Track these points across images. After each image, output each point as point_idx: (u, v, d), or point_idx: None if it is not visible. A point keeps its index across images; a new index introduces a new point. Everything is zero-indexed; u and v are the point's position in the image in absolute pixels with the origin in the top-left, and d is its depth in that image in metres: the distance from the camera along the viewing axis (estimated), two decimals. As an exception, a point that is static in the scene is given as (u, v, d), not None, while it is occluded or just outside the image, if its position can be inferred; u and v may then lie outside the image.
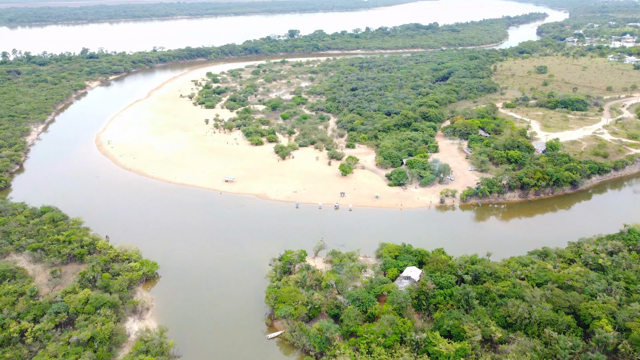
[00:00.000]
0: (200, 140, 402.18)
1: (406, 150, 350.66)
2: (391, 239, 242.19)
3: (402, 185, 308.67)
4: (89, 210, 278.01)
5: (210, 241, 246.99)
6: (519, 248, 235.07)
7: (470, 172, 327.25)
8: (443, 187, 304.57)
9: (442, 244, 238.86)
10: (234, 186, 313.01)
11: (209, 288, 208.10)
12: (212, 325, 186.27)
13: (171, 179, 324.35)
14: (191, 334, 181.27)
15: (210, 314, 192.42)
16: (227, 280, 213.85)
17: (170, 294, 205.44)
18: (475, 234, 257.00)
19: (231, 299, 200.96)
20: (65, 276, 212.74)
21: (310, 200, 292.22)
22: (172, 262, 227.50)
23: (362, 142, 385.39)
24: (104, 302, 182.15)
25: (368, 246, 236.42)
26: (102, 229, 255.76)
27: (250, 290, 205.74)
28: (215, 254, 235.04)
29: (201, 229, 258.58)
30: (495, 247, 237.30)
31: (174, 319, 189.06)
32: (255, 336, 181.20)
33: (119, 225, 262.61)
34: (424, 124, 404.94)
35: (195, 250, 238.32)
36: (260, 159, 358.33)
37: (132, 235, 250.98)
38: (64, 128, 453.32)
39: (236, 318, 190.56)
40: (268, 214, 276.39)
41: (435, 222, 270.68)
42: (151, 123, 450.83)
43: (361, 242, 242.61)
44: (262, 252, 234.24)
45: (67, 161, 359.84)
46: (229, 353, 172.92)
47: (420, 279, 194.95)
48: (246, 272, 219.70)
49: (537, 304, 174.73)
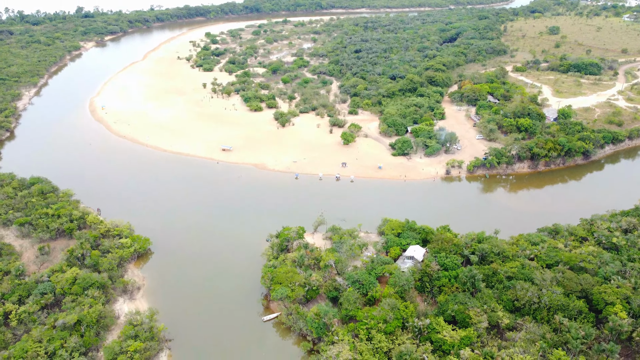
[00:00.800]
0: (197, 106, 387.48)
1: (411, 117, 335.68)
2: (394, 213, 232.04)
3: (407, 155, 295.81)
4: (81, 180, 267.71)
5: (206, 214, 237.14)
6: (528, 224, 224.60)
7: (477, 141, 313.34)
8: (449, 157, 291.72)
9: (447, 219, 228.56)
10: (231, 155, 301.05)
11: (203, 265, 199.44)
12: (206, 306, 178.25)
13: (167, 148, 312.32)
14: (183, 315, 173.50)
15: (204, 293, 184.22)
16: (222, 257, 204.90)
17: (163, 271, 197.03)
18: (482, 208, 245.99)
19: (226, 277, 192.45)
20: (53, 252, 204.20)
21: (311, 171, 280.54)
22: (166, 237, 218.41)
23: (366, 108, 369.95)
24: (92, 282, 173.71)
25: (370, 221, 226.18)
26: (94, 201, 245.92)
27: (246, 268, 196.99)
28: (211, 228, 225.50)
29: (196, 202, 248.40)
30: (503, 222, 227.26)
31: (166, 299, 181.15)
32: (250, 318, 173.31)
33: (111, 197, 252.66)
34: (430, 89, 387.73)
35: (189, 224, 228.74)
36: (259, 126, 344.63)
37: (125, 208, 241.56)
38: (57, 92, 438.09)
39: (231, 298, 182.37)
40: (266, 186, 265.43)
41: (441, 195, 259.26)
42: (147, 87, 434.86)
43: (363, 216, 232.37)
44: (260, 227, 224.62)
45: (60, 127, 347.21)
46: (222, 336, 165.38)
47: (424, 259, 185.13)
48: (242, 248, 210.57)
49: (547, 288, 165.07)
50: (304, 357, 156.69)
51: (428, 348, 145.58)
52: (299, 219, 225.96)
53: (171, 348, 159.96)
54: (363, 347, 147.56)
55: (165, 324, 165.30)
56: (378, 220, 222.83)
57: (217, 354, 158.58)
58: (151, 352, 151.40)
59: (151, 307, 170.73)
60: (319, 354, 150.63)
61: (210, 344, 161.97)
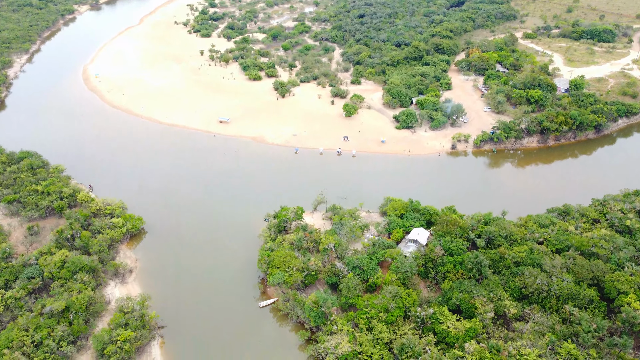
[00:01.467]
0: (194, 74, 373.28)
1: (416, 88, 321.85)
2: (397, 190, 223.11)
3: (411, 128, 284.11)
4: (72, 154, 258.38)
5: (201, 191, 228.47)
6: (537, 203, 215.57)
7: (485, 113, 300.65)
8: (455, 131, 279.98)
9: (452, 197, 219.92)
10: (228, 127, 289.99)
11: (197, 246, 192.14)
12: (200, 289, 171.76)
13: (162, 119, 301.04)
14: (177, 300, 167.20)
15: (199, 276, 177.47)
16: (217, 237, 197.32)
17: (156, 252, 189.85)
18: (489, 185, 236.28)
19: (221, 260, 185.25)
20: (43, 232, 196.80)
21: (311, 145, 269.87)
22: (159, 216, 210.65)
23: (369, 77, 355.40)
24: (81, 265, 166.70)
25: (372, 199, 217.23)
26: (86, 177, 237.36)
27: (242, 250, 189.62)
28: (206, 206, 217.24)
29: (192, 178, 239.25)
30: (511, 200, 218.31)
31: (159, 283, 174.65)
32: (246, 304, 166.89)
33: (104, 172, 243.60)
34: (436, 57, 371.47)
35: (184, 201, 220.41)
36: (258, 97, 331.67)
37: (117, 184, 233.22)
38: (49, 59, 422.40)
39: (226, 282, 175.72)
40: (265, 160, 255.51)
41: (446, 171, 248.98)
42: (142, 53, 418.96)
43: (364, 194, 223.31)
44: (257, 204, 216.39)
45: (52, 97, 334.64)
46: (217, 322, 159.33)
47: (428, 242, 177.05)
48: (239, 227, 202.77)
49: (556, 275, 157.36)
50: (302, 345, 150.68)
51: (431, 340, 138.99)
52: (298, 197, 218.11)
53: (163, 336, 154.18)
54: (363, 337, 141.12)
55: (157, 310, 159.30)
56: (380, 199, 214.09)
57: (211, 342, 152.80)
58: (142, 341, 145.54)
59: (143, 292, 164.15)
60: (318, 343, 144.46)
61: (204, 331, 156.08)
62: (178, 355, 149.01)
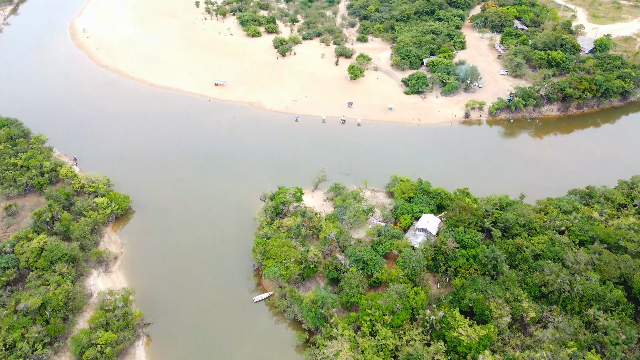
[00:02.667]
0: (188, 30, 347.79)
1: (427, 47, 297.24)
2: (405, 166, 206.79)
3: (421, 93, 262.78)
4: (56, 121, 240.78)
5: (194, 164, 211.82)
6: (557, 181, 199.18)
7: (502, 76, 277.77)
8: (469, 97, 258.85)
9: (465, 174, 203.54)
10: (224, 91, 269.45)
11: (188, 229, 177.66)
12: (189, 280, 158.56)
13: (153, 81, 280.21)
14: (164, 292, 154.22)
15: (188, 264, 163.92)
16: (210, 218, 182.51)
17: (143, 236, 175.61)
18: (505, 160, 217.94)
19: (213, 245, 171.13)
20: (22, 212, 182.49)
21: (313, 112, 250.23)
22: (148, 193, 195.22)
23: (377, 34, 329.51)
24: (60, 255, 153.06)
25: (377, 175, 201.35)
26: (70, 147, 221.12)
27: (236, 234, 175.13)
28: (199, 182, 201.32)
29: (184, 148, 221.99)
30: (529, 178, 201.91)
31: (146, 272, 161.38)
32: (239, 297, 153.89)
33: (90, 141, 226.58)
34: (450, 11, 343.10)
35: (175, 176, 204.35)
36: (257, 56, 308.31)
37: (104, 155, 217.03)
38: (35, 10, 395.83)
39: (218, 271, 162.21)
40: (263, 130, 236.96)
41: (458, 143, 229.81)
42: (134, 6, 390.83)
43: (369, 169, 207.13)
44: (254, 180, 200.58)
45: (36, 54, 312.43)
46: (207, 317, 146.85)
47: (439, 231, 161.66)
48: (233, 207, 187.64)
49: (580, 273, 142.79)
50: (300, 347, 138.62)
51: (441, 349, 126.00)
52: (298, 171, 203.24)
53: (149, 334, 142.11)
54: (366, 343, 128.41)
55: (143, 305, 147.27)
56: (387, 175, 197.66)
57: (200, 340, 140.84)
58: (125, 343, 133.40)
59: (127, 286, 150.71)
60: (316, 347, 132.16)
61: (193, 328, 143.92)
62: (164, 356, 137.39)
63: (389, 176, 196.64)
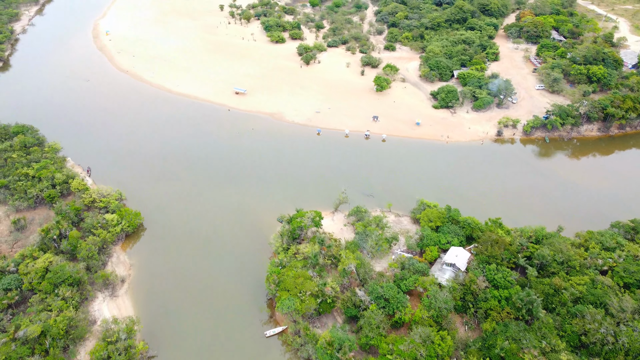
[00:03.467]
0: (211, 33, 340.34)
1: (459, 58, 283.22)
2: (432, 188, 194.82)
3: (451, 107, 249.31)
4: (73, 127, 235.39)
5: (209, 179, 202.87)
6: (598, 210, 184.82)
7: (537, 92, 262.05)
8: (502, 113, 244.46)
9: (496, 199, 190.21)
10: (244, 100, 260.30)
11: (200, 250, 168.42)
12: (199, 308, 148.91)
13: (172, 87, 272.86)
14: (171, 321, 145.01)
15: (198, 291, 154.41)
16: (223, 240, 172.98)
17: (153, 257, 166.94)
18: (540, 185, 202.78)
19: (226, 269, 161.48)
20: (31, 226, 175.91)
21: (335, 126, 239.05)
22: (160, 208, 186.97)
23: (405, 42, 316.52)
24: (64, 277, 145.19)
25: (402, 197, 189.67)
26: (84, 157, 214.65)
27: (251, 257, 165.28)
28: (213, 198, 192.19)
29: (200, 161, 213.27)
30: (566, 206, 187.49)
31: (153, 297, 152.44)
32: (251, 330, 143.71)
33: (105, 151, 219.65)
34: (483, 20, 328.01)
35: (189, 191, 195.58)
36: (280, 63, 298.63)
37: (118, 166, 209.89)
38: (60, 11, 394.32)
39: (229, 298, 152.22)
40: (282, 143, 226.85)
41: (490, 164, 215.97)
42: (158, 8, 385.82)
43: (394, 190, 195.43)
44: (272, 198, 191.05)
45: (58, 57, 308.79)
46: (215, 353, 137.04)
47: (468, 266, 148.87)
48: (248, 227, 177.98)
49: (626, 323, 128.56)
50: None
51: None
52: (318, 190, 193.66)
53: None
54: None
55: (148, 334, 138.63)
56: (412, 198, 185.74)
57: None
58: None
59: (131, 316, 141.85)
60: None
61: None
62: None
63: (414, 199, 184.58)
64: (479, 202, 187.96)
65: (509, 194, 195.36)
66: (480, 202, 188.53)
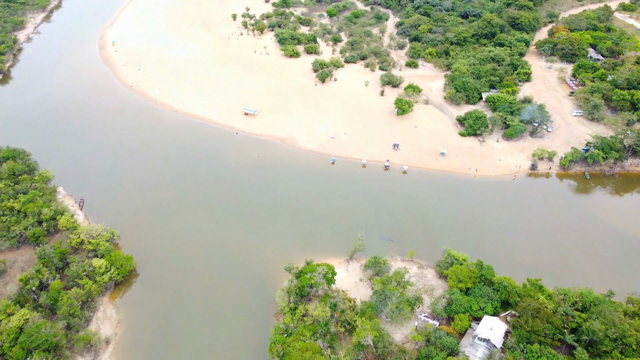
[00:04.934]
0: (223, 45, 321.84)
1: (487, 78, 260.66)
2: (460, 233, 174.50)
3: (479, 135, 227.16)
4: (68, 151, 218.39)
5: (210, 215, 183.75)
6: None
7: (575, 118, 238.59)
8: (536, 143, 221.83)
9: (532, 250, 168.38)
10: (254, 122, 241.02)
11: (196, 306, 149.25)
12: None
13: (178, 107, 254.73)
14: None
15: (194, 357, 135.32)
16: (223, 292, 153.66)
17: (144, 312, 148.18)
18: (583, 232, 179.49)
19: (224, 331, 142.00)
20: (11, 270, 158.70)
21: (352, 154, 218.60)
22: (155, 249, 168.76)
23: (428, 59, 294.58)
24: (39, 342, 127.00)
25: (426, 242, 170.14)
26: (78, 185, 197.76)
27: (254, 315, 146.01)
28: (213, 237, 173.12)
29: (202, 195, 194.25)
30: (614, 261, 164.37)
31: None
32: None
33: (99, 180, 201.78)
34: (512, 35, 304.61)
35: (189, 230, 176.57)
36: (294, 79, 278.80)
37: (113, 198, 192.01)
38: (68, 18, 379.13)
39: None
40: (293, 173, 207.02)
41: (524, 204, 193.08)
42: (168, 16, 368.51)
43: (417, 233, 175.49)
44: (277, 240, 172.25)
45: (61, 69, 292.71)
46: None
47: (505, 342, 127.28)
48: (251, 275, 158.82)
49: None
50: None
51: None
52: (331, 231, 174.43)
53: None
54: None
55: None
56: (437, 244, 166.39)
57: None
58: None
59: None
60: None
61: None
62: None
63: (439, 245, 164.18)
64: (512, 252, 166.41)
65: (547, 242, 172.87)
66: (514, 252, 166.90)
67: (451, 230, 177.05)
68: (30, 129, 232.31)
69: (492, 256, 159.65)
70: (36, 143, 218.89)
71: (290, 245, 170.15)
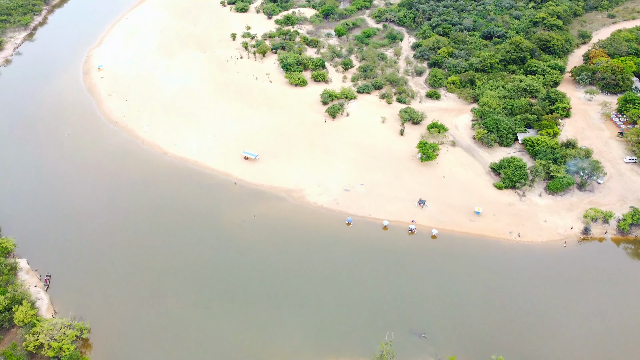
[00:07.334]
0: (220, 70, 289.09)
1: (522, 116, 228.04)
2: (504, 319, 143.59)
3: (518, 188, 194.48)
4: (37, 209, 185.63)
5: (201, 300, 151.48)
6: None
7: (627, 165, 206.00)
8: (585, 198, 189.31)
9: (598, 352, 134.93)
10: (255, 168, 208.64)
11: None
12: None
13: (168, 147, 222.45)
14: None
15: None
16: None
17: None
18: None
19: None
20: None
21: (371, 212, 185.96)
22: (133, 351, 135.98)
23: (452, 88, 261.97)
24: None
25: (466, 336, 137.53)
26: (44, 257, 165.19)
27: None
28: (204, 334, 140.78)
29: (190, 272, 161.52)
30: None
31: None
32: None
33: (71, 248, 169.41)
34: (544, 61, 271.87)
35: (172, 321, 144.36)
36: (300, 114, 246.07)
37: (85, 273, 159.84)
38: (52, 37, 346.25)
39: None
40: (301, 239, 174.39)
41: (581, 281, 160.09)
42: (161, 35, 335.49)
43: (453, 320, 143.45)
44: (282, 337, 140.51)
45: (38, 101, 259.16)
46: None
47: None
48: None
49: None
50: None
51: None
52: (348, 320, 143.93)
53: None
54: None
55: None
56: (479, 337, 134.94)
57: None
58: None
59: None
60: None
61: None
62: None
63: (481, 339, 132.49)
64: (574, 353, 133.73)
65: (615, 335, 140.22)
66: (577, 351, 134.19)
67: (494, 315, 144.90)
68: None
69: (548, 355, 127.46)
70: (2, 195, 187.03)
71: (296, 344, 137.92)
